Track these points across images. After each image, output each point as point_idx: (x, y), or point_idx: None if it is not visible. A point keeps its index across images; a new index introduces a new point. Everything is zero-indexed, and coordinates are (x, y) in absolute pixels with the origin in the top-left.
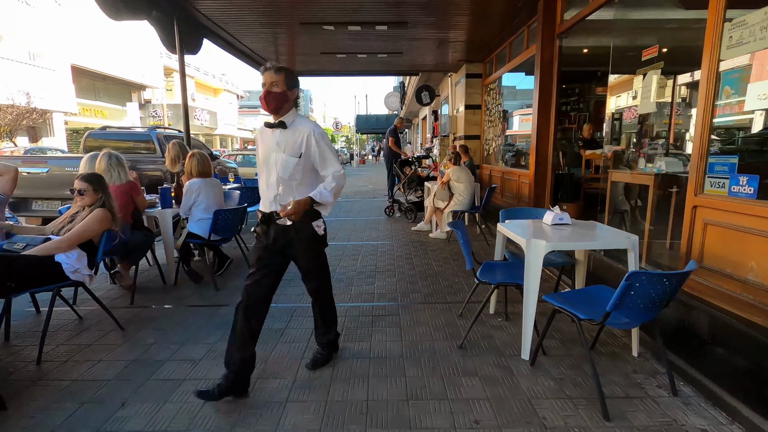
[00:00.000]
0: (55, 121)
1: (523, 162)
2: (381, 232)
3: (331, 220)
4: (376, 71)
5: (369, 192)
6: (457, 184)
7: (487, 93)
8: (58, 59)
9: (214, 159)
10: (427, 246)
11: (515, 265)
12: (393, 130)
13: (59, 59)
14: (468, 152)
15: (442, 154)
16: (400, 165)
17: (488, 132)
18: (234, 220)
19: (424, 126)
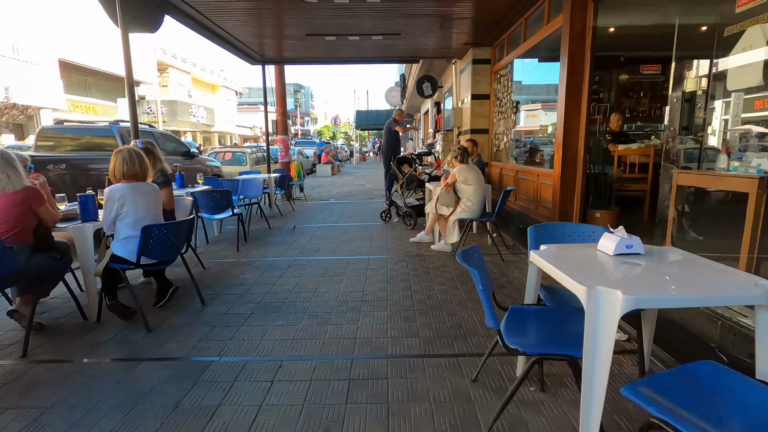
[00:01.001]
0: (43, 118)
1: (539, 159)
2: (374, 243)
3: (319, 227)
4: (372, 58)
5: (366, 192)
6: (465, 187)
7: (497, 81)
8: (45, 53)
9: (191, 157)
10: (428, 262)
11: (559, 315)
12: (394, 122)
13: (45, 53)
14: (476, 147)
15: (446, 150)
16: (398, 163)
17: (498, 125)
18: (174, 237)
19: (425, 121)
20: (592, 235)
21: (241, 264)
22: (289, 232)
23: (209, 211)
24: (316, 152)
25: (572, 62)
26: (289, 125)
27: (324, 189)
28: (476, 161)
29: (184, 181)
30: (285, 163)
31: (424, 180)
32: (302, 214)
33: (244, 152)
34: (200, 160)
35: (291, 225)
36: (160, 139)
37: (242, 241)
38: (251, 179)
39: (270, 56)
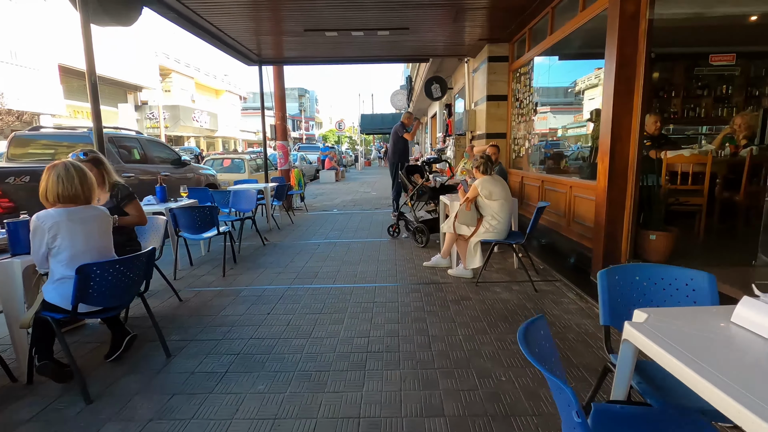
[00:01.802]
0: (43, 123)
1: (563, 166)
2: (382, 266)
3: (318, 244)
4: (378, 57)
5: (371, 201)
6: (489, 203)
7: (516, 80)
8: (44, 58)
9: (182, 165)
10: (446, 292)
11: (677, 424)
12: (401, 126)
13: (45, 58)
14: (498, 154)
15: (458, 156)
16: (408, 172)
17: (517, 129)
18: (125, 276)
19: (433, 125)
20: (691, 283)
21: (225, 294)
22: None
23: (191, 230)
24: (319, 157)
25: (622, 53)
26: (289, 130)
27: (327, 197)
28: (497, 170)
29: (166, 194)
30: (285, 171)
31: (436, 189)
32: (301, 228)
33: (242, 159)
34: (193, 169)
35: (284, 241)
36: (147, 145)
37: (230, 263)
38: (243, 190)
39: (267, 56)
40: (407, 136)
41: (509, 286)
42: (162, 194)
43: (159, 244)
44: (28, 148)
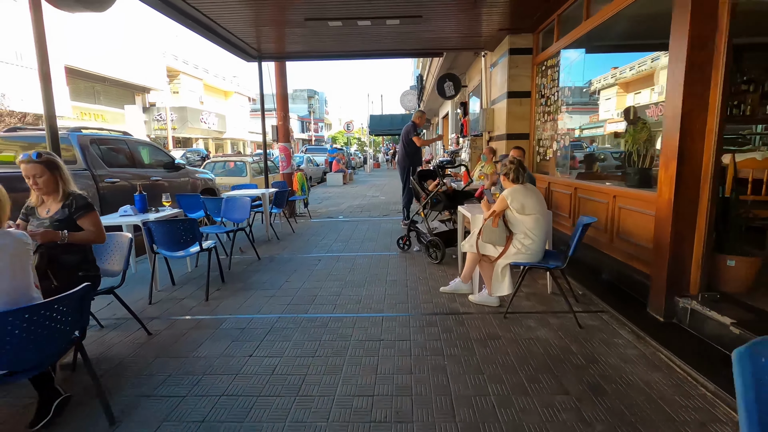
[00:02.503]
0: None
1: (596, 169)
2: (391, 288)
3: (320, 259)
4: (387, 51)
5: (379, 207)
6: (522, 218)
7: (541, 74)
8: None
9: (176, 169)
10: (468, 326)
11: None
12: (412, 127)
13: (51, 60)
14: (523, 157)
15: (474, 159)
16: (420, 177)
17: (543, 128)
18: (43, 327)
19: (445, 125)
20: None
21: (203, 325)
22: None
23: (168, 246)
24: (327, 159)
25: (697, 32)
26: (292, 131)
27: (333, 202)
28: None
29: (146, 203)
30: (287, 175)
31: (453, 197)
32: (303, 238)
33: (243, 162)
34: (188, 173)
35: (282, 254)
36: (136, 148)
37: (218, 282)
38: (236, 198)
39: (267, 51)
40: (417, 141)
41: (545, 319)
42: (141, 203)
43: (122, 267)
44: (3, 151)
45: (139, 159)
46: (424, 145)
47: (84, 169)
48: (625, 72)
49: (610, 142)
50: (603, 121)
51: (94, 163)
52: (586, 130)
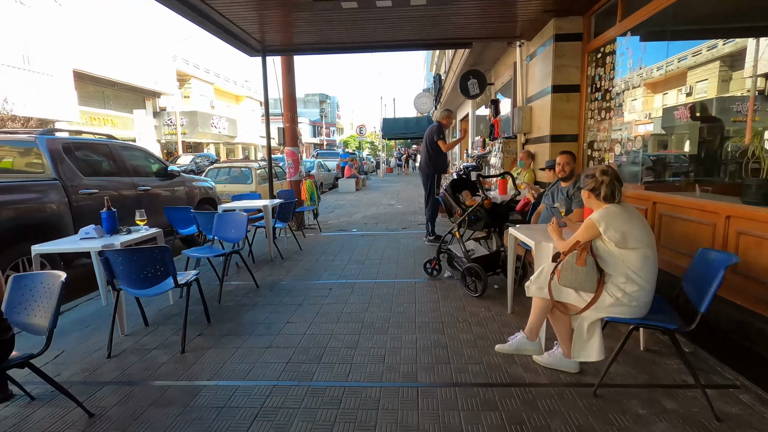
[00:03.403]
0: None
1: (673, 176)
2: (422, 337)
3: (330, 288)
4: (408, 42)
5: (396, 217)
6: (623, 253)
7: (595, 63)
8: (58, 64)
9: (170, 177)
10: (546, 412)
11: None
12: (437, 129)
13: (59, 64)
14: (574, 164)
15: (506, 164)
16: (453, 188)
17: (598, 128)
18: None
19: (463, 128)
20: None
21: (170, 399)
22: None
23: (132, 282)
24: (339, 164)
25: None
26: (300, 134)
27: (345, 211)
28: (576, 185)
29: (116, 222)
30: (295, 183)
31: (497, 213)
32: (311, 258)
33: (249, 167)
34: (184, 181)
35: (285, 281)
36: (121, 153)
37: (201, 324)
38: (229, 214)
39: (272, 43)
40: (443, 145)
41: (656, 400)
42: (109, 222)
43: (48, 324)
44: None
45: (126, 166)
46: (450, 149)
47: (53, 179)
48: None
49: (713, 144)
50: (698, 116)
51: (67, 171)
52: (670, 128)
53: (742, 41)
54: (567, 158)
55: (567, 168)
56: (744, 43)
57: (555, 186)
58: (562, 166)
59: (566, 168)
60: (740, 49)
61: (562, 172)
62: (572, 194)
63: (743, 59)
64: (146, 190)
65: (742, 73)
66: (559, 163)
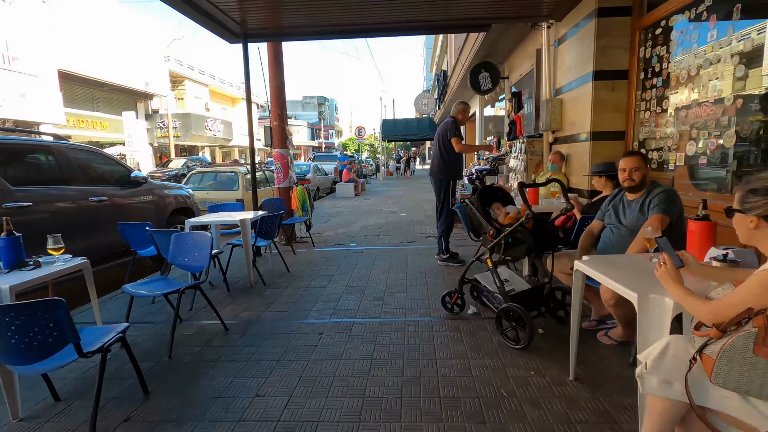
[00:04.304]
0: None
1: None
2: (451, 427)
3: (323, 329)
4: (416, 24)
5: (402, 228)
6: None
7: (651, 42)
8: (42, 64)
9: (135, 184)
10: None
11: None
12: (452, 125)
13: (43, 64)
14: (636, 172)
15: (530, 168)
16: (481, 199)
17: (656, 122)
18: None
19: (469, 129)
20: None
21: None
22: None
23: (12, 354)
24: (337, 168)
25: None
26: (290, 133)
27: (343, 220)
28: (663, 198)
29: (22, 251)
30: (284, 190)
31: (546, 233)
32: (299, 284)
33: (235, 172)
34: (152, 188)
35: (264, 319)
36: (68, 156)
37: (132, 397)
38: (188, 235)
39: (255, 26)
40: (457, 145)
41: None
42: (9, 253)
43: None
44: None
45: (74, 172)
46: (467, 152)
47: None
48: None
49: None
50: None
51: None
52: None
53: None
54: (635, 162)
55: (637, 175)
56: None
57: (618, 199)
58: (629, 172)
59: (635, 175)
60: None
61: (629, 181)
62: (651, 208)
63: None
64: (101, 201)
65: None
66: (624, 168)
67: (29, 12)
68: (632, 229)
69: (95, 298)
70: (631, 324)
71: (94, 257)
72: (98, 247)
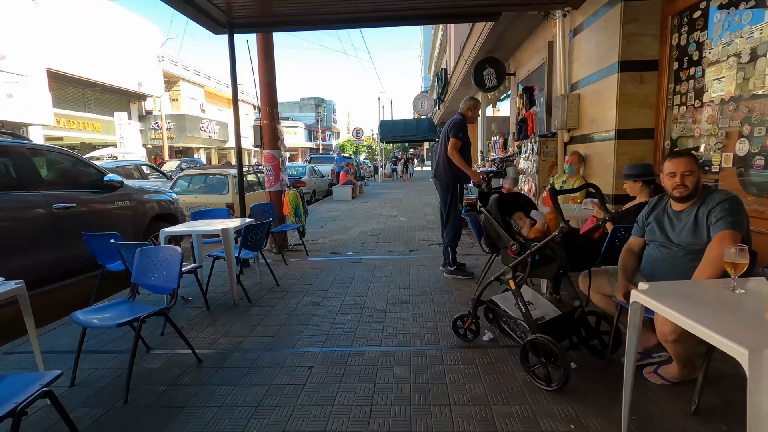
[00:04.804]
0: (32, 135)
1: None
2: None
3: (314, 356)
4: (418, 13)
5: (402, 235)
6: None
7: (688, 27)
8: (31, 63)
9: (109, 189)
10: None
11: None
12: (459, 123)
13: (32, 63)
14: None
15: (543, 171)
16: (500, 207)
17: (693, 116)
18: None
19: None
20: None
21: None
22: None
23: None
24: (334, 169)
25: None
26: (281, 132)
27: (339, 225)
28: (725, 208)
29: None
30: (275, 194)
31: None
32: (289, 301)
33: (225, 175)
34: (129, 193)
35: (245, 348)
36: (28, 158)
37: None
38: (154, 251)
39: (242, 15)
40: (450, 147)
41: None
42: None
43: None
44: None
45: (36, 176)
46: (456, 161)
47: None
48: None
49: None
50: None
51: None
52: None
53: None
54: (688, 164)
55: (690, 180)
56: None
57: (660, 210)
58: (680, 177)
59: (688, 180)
60: None
61: (681, 188)
62: (712, 224)
63: None
64: (67, 209)
65: None
66: (673, 172)
67: (18, 10)
68: (688, 248)
69: (33, 332)
70: (691, 363)
71: (59, 272)
72: (63, 261)
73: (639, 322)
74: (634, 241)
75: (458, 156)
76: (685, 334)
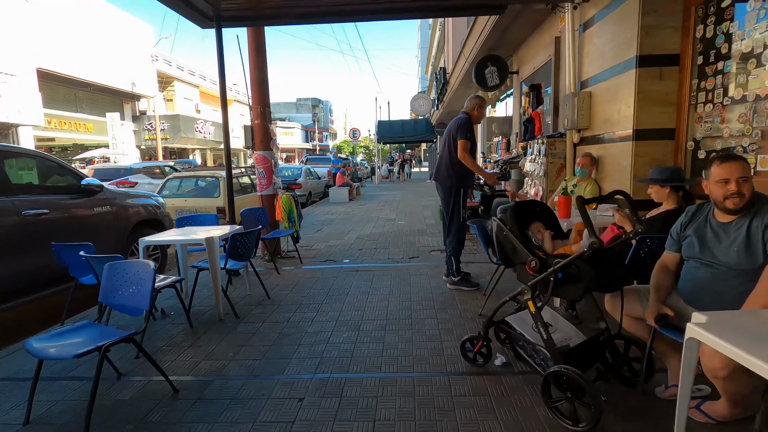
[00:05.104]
0: (21, 136)
1: None
2: None
3: (295, 385)
4: (416, 6)
5: (402, 240)
6: None
7: (714, 18)
8: (20, 63)
9: (89, 193)
10: None
11: None
12: (464, 123)
13: (21, 63)
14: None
15: (551, 174)
16: (516, 218)
17: (721, 116)
18: None
19: None
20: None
21: None
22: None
23: None
24: (330, 171)
25: None
26: (273, 133)
27: (335, 229)
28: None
29: None
30: (268, 198)
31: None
32: (279, 317)
33: (216, 178)
34: (110, 198)
35: (227, 375)
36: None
37: None
38: (123, 265)
39: (230, 8)
40: (460, 149)
41: None
42: None
43: None
44: None
45: (6, 180)
46: (468, 165)
47: None
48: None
49: None
50: None
51: None
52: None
53: None
54: (743, 169)
55: (746, 188)
56: None
57: (701, 221)
58: (736, 184)
59: (745, 188)
60: None
61: (737, 198)
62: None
63: None
64: (39, 215)
65: None
66: (726, 178)
67: (7, 8)
68: (738, 268)
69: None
70: (742, 403)
71: (27, 284)
72: (33, 272)
73: (695, 361)
74: (668, 257)
75: (470, 158)
76: (739, 369)
